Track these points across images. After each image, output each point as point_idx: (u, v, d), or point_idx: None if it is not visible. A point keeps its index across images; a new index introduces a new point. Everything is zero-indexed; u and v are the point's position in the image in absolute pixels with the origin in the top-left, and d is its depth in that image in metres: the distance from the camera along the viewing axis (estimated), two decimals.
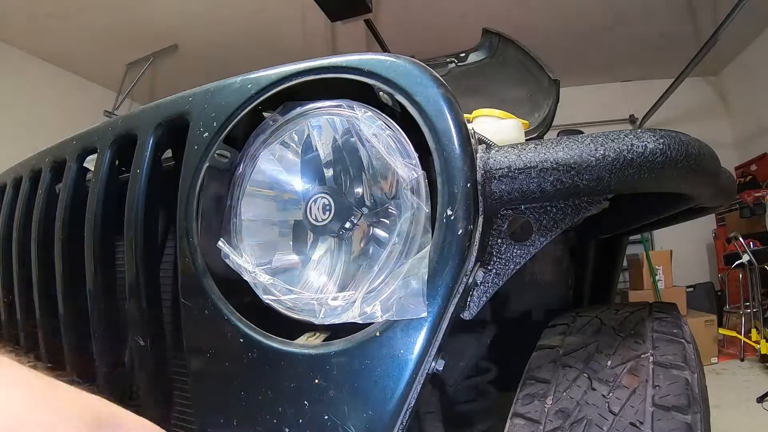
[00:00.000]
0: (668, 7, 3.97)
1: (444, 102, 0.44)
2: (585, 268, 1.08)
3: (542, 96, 1.50)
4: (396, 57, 0.48)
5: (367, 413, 0.41)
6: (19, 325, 0.81)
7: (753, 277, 3.59)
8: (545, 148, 0.44)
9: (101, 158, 0.65)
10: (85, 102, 4.33)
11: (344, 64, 0.49)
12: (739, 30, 3.73)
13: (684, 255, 4.66)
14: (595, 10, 4.01)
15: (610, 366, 0.54)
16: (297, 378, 0.43)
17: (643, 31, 4.31)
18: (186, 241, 0.51)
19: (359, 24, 3.26)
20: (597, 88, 5.42)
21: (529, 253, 0.47)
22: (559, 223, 0.47)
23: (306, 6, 3.27)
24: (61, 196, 0.69)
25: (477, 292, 0.46)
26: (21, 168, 0.84)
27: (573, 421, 0.49)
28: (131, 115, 0.65)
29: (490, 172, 0.44)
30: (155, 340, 0.56)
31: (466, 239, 0.42)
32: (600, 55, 4.78)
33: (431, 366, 0.42)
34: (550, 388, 0.54)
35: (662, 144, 0.42)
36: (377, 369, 0.41)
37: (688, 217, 0.81)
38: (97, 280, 0.62)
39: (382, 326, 0.42)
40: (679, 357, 0.54)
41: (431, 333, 0.41)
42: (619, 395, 0.50)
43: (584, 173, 0.42)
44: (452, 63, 1.84)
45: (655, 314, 0.66)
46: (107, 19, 3.53)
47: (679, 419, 0.45)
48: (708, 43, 3.56)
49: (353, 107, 0.47)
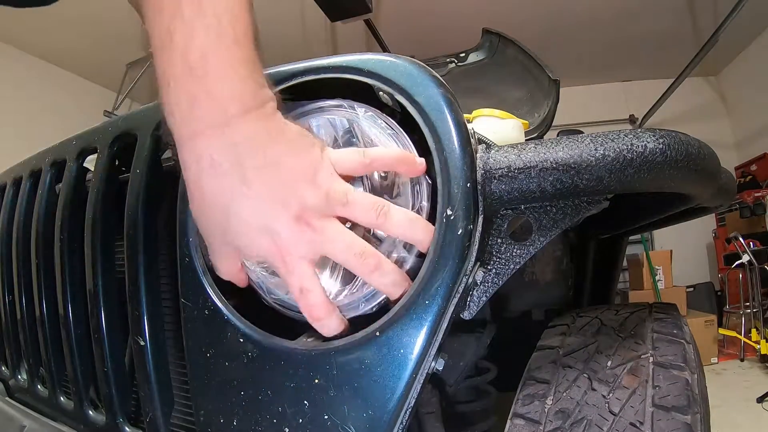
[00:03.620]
0: (668, 7, 3.97)
1: (444, 102, 0.44)
2: (585, 268, 1.08)
3: (542, 96, 1.50)
4: (396, 57, 0.48)
5: (367, 413, 0.41)
6: (19, 325, 0.81)
7: (753, 277, 3.59)
8: (545, 148, 0.44)
9: (101, 158, 0.65)
10: (85, 102, 4.33)
11: (344, 64, 0.49)
12: (739, 30, 3.73)
13: (684, 255, 4.66)
14: (595, 10, 4.01)
15: (610, 366, 0.54)
16: (297, 378, 0.43)
17: (643, 31, 4.31)
18: (186, 241, 0.51)
19: (359, 24, 3.26)
20: (597, 88, 5.43)
21: (529, 253, 0.47)
22: (559, 223, 0.47)
23: (306, 6, 3.28)
24: (61, 196, 0.69)
25: (477, 292, 0.46)
26: (21, 168, 0.84)
27: (573, 422, 0.49)
28: (131, 115, 0.65)
29: (490, 172, 0.44)
30: (155, 340, 0.56)
31: (466, 239, 0.42)
32: (600, 55, 4.78)
33: (431, 366, 0.42)
34: (550, 389, 0.54)
35: (662, 144, 0.42)
36: (377, 369, 0.41)
37: (688, 217, 0.81)
38: (96, 280, 0.62)
39: (382, 326, 0.42)
40: (679, 357, 0.54)
41: (431, 333, 0.41)
42: (619, 395, 0.50)
43: (584, 173, 0.42)
44: (452, 63, 1.84)
45: (655, 315, 0.66)
46: (107, 18, 3.53)
47: (679, 419, 0.45)
48: (708, 43, 3.56)
49: (354, 107, 0.47)
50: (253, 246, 0.41)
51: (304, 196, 0.41)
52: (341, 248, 0.41)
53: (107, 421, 0.62)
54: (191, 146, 0.40)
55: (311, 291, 0.42)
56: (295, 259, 0.41)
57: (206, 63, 0.38)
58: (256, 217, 0.40)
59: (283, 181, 0.40)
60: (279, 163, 0.40)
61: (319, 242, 0.41)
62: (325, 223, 0.41)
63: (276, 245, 0.41)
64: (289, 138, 0.42)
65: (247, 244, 0.41)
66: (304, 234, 0.41)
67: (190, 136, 0.40)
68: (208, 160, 0.39)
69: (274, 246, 0.41)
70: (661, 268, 3.98)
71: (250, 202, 0.40)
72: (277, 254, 0.41)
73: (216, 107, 0.39)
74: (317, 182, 0.41)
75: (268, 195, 0.40)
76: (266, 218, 0.40)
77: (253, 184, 0.40)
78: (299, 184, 0.41)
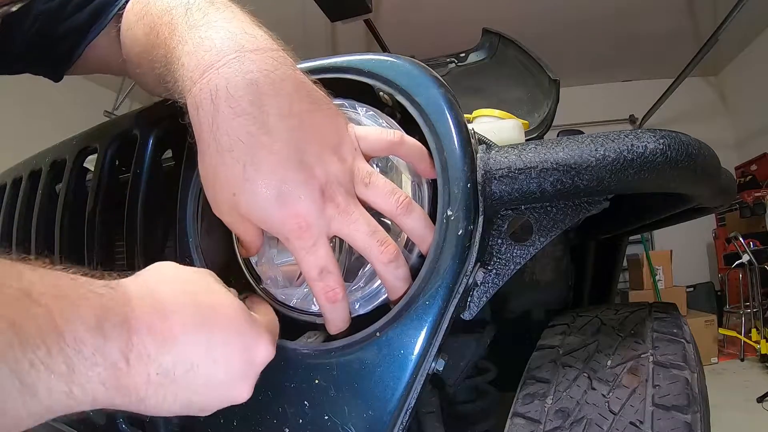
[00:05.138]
0: (668, 7, 3.97)
1: (444, 102, 0.44)
2: (585, 268, 1.08)
3: (542, 96, 1.49)
4: (396, 57, 0.48)
5: (367, 413, 0.41)
6: None
7: (753, 277, 3.59)
8: (545, 148, 0.44)
9: (101, 158, 0.65)
10: (85, 102, 4.33)
11: (344, 64, 0.49)
12: (739, 30, 3.73)
13: (684, 255, 4.66)
14: (594, 10, 4.01)
15: (610, 366, 0.54)
16: (297, 378, 0.43)
17: (643, 31, 4.31)
18: (186, 241, 0.51)
19: (359, 24, 3.26)
20: (597, 88, 5.43)
21: (529, 253, 0.47)
22: (559, 224, 0.47)
23: (306, 6, 3.27)
24: (61, 196, 0.69)
25: (477, 293, 0.46)
26: (21, 168, 0.84)
27: (573, 421, 0.49)
28: (131, 115, 0.65)
29: (490, 172, 0.44)
30: None
31: (466, 239, 0.42)
32: (600, 55, 4.78)
33: (431, 366, 0.42)
34: (550, 388, 0.54)
35: (662, 144, 0.42)
36: (377, 369, 0.41)
37: (688, 217, 0.81)
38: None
39: (382, 326, 0.42)
40: (679, 357, 0.54)
41: (431, 333, 0.41)
42: (619, 395, 0.50)
43: (584, 173, 0.42)
44: (452, 63, 1.84)
45: (655, 314, 0.66)
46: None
47: (679, 419, 0.45)
48: (708, 43, 3.56)
49: (356, 106, 0.47)
50: (268, 212, 0.35)
51: (330, 166, 0.36)
52: (365, 232, 0.37)
53: (107, 421, 0.62)
54: (205, 81, 0.35)
55: (332, 273, 0.37)
56: (315, 234, 0.36)
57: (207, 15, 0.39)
58: (277, 178, 0.35)
59: (308, 141, 0.36)
60: (303, 119, 0.36)
61: (342, 222, 0.37)
62: (351, 201, 0.37)
63: (295, 215, 0.35)
64: (313, 96, 0.38)
65: (261, 209, 0.35)
66: (328, 209, 0.36)
67: (204, 70, 0.36)
68: (224, 93, 0.34)
69: (293, 215, 0.35)
70: (661, 268, 3.98)
71: (272, 158, 0.34)
72: (294, 226, 0.36)
73: (230, 39, 0.36)
74: (341, 154, 0.38)
75: (294, 153, 0.35)
76: (289, 181, 0.35)
77: (274, 134, 0.35)
78: (325, 150, 0.36)
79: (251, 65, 0.35)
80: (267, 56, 0.37)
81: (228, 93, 0.34)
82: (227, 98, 0.34)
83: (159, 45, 0.41)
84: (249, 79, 0.35)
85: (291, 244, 0.37)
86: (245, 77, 0.35)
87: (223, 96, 0.34)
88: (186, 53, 0.37)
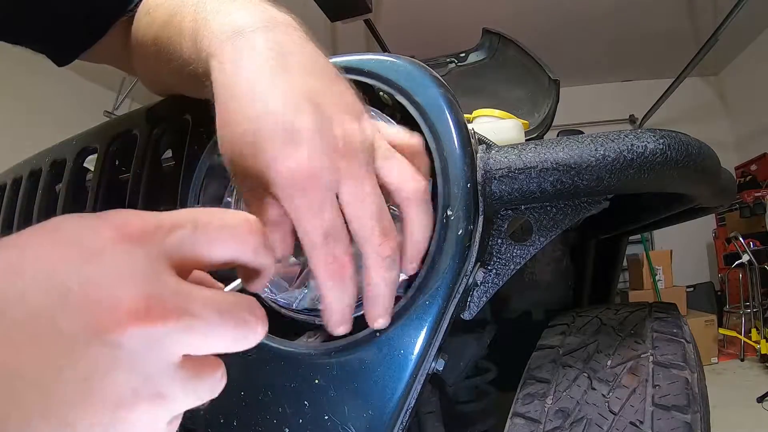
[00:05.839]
0: (668, 7, 3.97)
1: (444, 102, 0.44)
2: (585, 268, 1.08)
3: (542, 96, 1.50)
4: (396, 57, 0.48)
5: (367, 413, 0.41)
6: None
7: (753, 277, 3.59)
8: (545, 148, 0.44)
9: (101, 158, 0.65)
10: (85, 102, 4.33)
11: (344, 65, 0.49)
12: (739, 30, 3.73)
13: (684, 255, 4.66)
14: (595, 10, 4.01)
15: (610, 365, 0.54)
16: (297, 378, 0.43)
17: (643, 31, 4.31)
18: None
19: (359, 24, 3.26)
20: (597, 88, 5.43)
21: (529, 253, 0.47)
22: (559, 224, 0.47)
23: (306, 6, 3.27)
24: (61, 196, 0.69)
25: (477, 293, 0.46)
26: (21, 168, 0.84)
27: (573, 421, 0.49)
28: (131, 115, 0.65)
29: (490, 172, 0.44)
30: None
31: (466, 239, 0.42)
32: (600, 55, 4.78)
33: (431, 366, 0.42)
34: (550, 388, 0.54)
35: (662, 144, 0.42)
36: (377, 369, 0.41)
37: (688, 217, 0.81)
38: None
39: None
40: (679, 357, 0.54)
41: (431, 333, 0.41)
42: (619, 395, 0.50)
43: (584, 173, 0.42)
44: (452, 63, 1.84)
45: (655, 314, 0.66)
46: None
47: (679, 418, 0.45)
48: (708, 43, 3.56)
49: None
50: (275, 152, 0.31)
51: (349, 126, 0.33)
52: (371, 211, 0.33)
53: None
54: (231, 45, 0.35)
55: (340, 241, 0.32)
56: (323, 192, 0.31)
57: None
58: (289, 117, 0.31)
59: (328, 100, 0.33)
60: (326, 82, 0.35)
61: (351, 187, 0.32)
62: (366, 171, 0.33)
63: (299, 159, 0.30)
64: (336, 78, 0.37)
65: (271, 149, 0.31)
66: (339, 168, 0.31)
67: (234, 33, 0.35)
68: (249, 50, 0.34)
69: (303, 160, 0.30)
70: (661, 268, 3.98)
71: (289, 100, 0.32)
72: (296, 174, 0.30)
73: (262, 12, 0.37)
74: (362, 125, 0.34)
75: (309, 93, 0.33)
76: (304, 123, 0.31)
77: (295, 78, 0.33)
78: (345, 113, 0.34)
79: (281, 35, 0.36)
80: (295, 30, 0.38)
81: (254, 49, 0.34)
82: (252, 50, 0.34)
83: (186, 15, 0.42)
84: (278, 40, 0.35)
85: (292, 202, 0.31)
86: (275, 40, 0.35)
87: (248, 51, 0.34)
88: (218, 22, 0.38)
